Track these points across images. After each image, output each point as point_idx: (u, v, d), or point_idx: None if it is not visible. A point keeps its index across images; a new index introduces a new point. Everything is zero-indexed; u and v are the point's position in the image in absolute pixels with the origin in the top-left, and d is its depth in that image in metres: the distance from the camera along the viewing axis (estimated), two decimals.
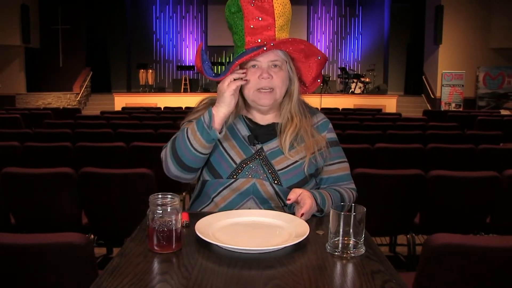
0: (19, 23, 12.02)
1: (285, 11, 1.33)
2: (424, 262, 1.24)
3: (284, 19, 1.33)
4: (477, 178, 2.35)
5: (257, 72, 1.33)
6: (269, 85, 1.34)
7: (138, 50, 15.10)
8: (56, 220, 2.39)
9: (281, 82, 1.35)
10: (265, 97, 1.35)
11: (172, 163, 1.32)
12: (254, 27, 1.30)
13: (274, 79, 1.34)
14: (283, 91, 1.37)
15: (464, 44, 12.05)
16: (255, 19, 1.30)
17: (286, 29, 1.35)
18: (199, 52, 1.33)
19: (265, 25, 1.30)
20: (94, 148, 3.45)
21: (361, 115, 7.13)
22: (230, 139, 1.38)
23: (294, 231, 1.08)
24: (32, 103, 12.01)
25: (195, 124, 1.28)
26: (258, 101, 1.36)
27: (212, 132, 1.25)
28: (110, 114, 7.02)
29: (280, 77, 1.34)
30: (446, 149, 3.51)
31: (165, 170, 1.36)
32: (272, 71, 1.34)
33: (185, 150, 1.28)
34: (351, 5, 15.33)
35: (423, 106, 12.20)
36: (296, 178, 1.34)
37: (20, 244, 1.17)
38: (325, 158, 1.40)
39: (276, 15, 1.30)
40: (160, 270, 0.92)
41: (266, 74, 1.32)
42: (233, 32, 1.37)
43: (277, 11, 1.31)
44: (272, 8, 1.30)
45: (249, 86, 1.35)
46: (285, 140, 1.37)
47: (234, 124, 1.41)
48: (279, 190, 1.33)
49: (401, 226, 2.53)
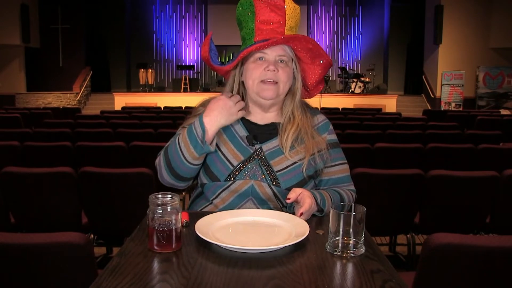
0: (19, 23, 12.03)
1: (295, 14, 1.35)
2: (424, 262, 1.23)
3: (294, 21, 1.35)
4: (477, 177, 2.35)
5: (264, 65, 1.34)
6: (274, 78, 1.34)
7: (138, 50, 15.11)
8: (56, 219, 2.39)
9: (286, 77, 1.35)
10: (268, 89, 1.34)
11: (166, 173, 1.33)
12: (265, 22, 1.32)
13: (280, 73, 1.34)
14: (286, 87, 1.37)
15: (464, 44, 12.05)
16: (266, 15, 1.32)
17: (295, 32, 1.36)
18: (207, 41, 1.36)
19: (276, 21, 1.32)
20: (94, 147, 3.45)
21: (361, 114, 7.13)
22: (227, 141, 1.37)
23: (294, 231, 1.08)
24: (32, 103, 12.01)
25: (187, 136, 1.28)
26: (262, 93, 1.35)
27: (206, 147, 1.27)
28: (110, 114, 7.03)
29: (285, 72, 1.35)
30: (446, 148, 3.52)
31: (160, 178, 1.38)
32: (278, 65, 1.34)
33: (178, 162, 1.30)
34: (351, 4, 15.33)
35: (423, 105, 12.20)
36: (294, 179, 1.33)
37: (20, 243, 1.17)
38: (325, 160, 1.39)
39: (287, 15, 1.32)
40: (160, 270, 0.92)
41: (273, 66, 1.33)
42: (242, 27, 1.38)
43: (288, 12, 1.32)
44: (283, 8, 1.32)
45: (254, 76, 1.35)
46: (287, 139, 1.36)
47: (231, 125, 1.39)
48: (278, 192, 1.32)
49: (401, 225, 2.53)
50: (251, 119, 1.42)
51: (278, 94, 1.36)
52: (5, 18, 11.70)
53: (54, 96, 12.39)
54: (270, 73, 1.33)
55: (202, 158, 1.31)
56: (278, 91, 1.35)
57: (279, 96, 1.37)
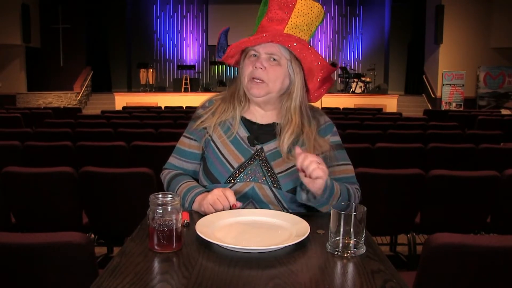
0: (19, 23, 12.04)
1: (309, 12, 1.30)
2: (424, 262, 1.23)
3: (304, 19, 1.30)
4: (477, 177, 2.34)
5: (254, 62, 1.33)
6: (260, 76, 1.31)
7: (139, 50, 15.11)
8: (57, 219, 2.39)
9: (275, 77, 1.32)
10: (256, 87, 1.33)
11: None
12: (270, 19, 1.31)
13: (268, 72, 1.31)
14: (276, 86, 1.33)
15: (465, 43, 12.04)
16: (274, 12, 1.31)
17: (303, 30, 1.31)
18: (219, 35, 1.39)
19: (277, 19, 1.30)
20: (95, 147, 3.45)
21: (362, 114, 7.12)
22: (227, 142, 1.37)
23: (295, 231, 1.08)
24: (32, 103, 12.01)
25: (182, 197, 1.33)
26: (250, 90, 1.34)
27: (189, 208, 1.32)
28: (110, 114, 7.03)
29: (274, 71, 1.32)
30: (446, 148, 3.51)
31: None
32: (268, 63, 1.32)
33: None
34: (352, 4, 15.33)
35: (423, 105, 12.19)
36: (295, 182, 1.31)
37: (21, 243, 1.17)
38: (328, 162, 1.34)
39: (294, 12, 1.29)
40: (160, 270, 0.92)
41: (260, 64, 1.31)
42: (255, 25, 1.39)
43: (298, 9, 1.29)
44: (293, 5, 1.29)
45: (245, 73, 1.35)
46: (283, 142, 1.33)
47: (231, 125, 1.38)
48: (279, 194, 1.31)
49: (401, 225, 2.53)
50: (251, 119, 1.41)
51: (267, 92, 1.33)
52: (6, 18, 11.70)
53: (55, 96, 12.40)
54: (256, 71, 1.31)
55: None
56: (266, 89, 1.33)
57: (269, 94, 1.34)
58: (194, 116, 1.45)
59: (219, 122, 1.40)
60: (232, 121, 1.39)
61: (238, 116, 1.40)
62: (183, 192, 1.34)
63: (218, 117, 1.39)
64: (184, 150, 1.43)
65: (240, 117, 1.40)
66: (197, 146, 1.42)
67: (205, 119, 1.40)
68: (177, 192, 1.35)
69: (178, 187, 1.36)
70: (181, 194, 1.33)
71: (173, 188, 1.38)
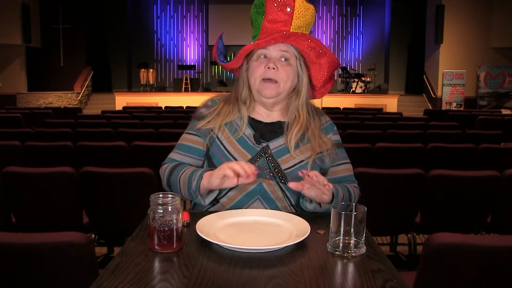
0: (20, 23, 12.04)
1: (306, 14, 1.34)
2: (424, 262, 1.23)
3: (304, 21, 1.34)
4: (478, 177, 2.34)
5: (265, 62, 1.34)
6: (274, 77, 1.34)
7: (139, 49, 15.11)
8: (57, 219, 2.39)
9: (286, 76, 1.35)
10: (268, 88, 1.35)
11: (167, 189, 1.38)
12: (272, 21, 1.33)
13: (280, 72, 1.34)
14: (288, 86, 1.37)
15: (465, 43, 12.04)
16: (274, 14, 1.32)
17: (303, 31, 1.35)
18: (216, 40, 1.40)
19: (281, 20, 1.32)
20: (95, 147, 3.45)
21: (362, 114, 7.12)
22: (233, 141, 1.37)
23: (295, 231, 1.08)
24: (33, 103, 12.01)
25: (187, 179, 1.29)
26: (262, 91, 1.36)
27: (197, 200, 1.29)
28: (111, 114, 7.03)
29: (286, 71, 1.35)
30: (447, 148, 3.51)
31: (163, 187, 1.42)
32: (279, 63, 1.34)
33: (177, 192, 1.33)
34: (352, 4, 15.33)
35: (424, 105, 12.19)
36: (300, 178, 1.31)
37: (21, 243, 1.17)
38: (331, 159, 1.40)
39: (295, 14, 1.32)
40: (161, 270, 0.92)
41: (273, 64, 1.33)
42: (253, 27, 1.40)
43: (298, 11, 1.32)
44: (292, 7, 1.32)
45: (256, 75, 1.36)
46: (291, 138, 1.36)
47: (236, 124, 1.39)
48: (286, 190, 1.33)
49: (401, 225, 2.53)
50: (256, 118, 1.42)
51: (278, 92, 1.36)
52: (6, 18, 11.70)
53: (55, 96, 12.40)
54: (269, 71, 1.33)
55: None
56: (278, 89, 1.35)
57: (279, 95, 1.37)
58: (196, 115, 1.45)
59: (224, 123, 1.40)
60: (239, 122, 1.40)
61: (246, 117, 1.40)
62: (189, 173, 1.30)
63: (223, 119, 1.40)
64: (188, 145, 1.43)
65: (247, 117, 1.41)
66: (201, 142, 1.41)
67: (211, 120, 1.41)
68: (181, 176, 1.31)
69: (182, 172, 1.32)
70: (187, 175, 1.30)
71: (176, 175, 1.33)
